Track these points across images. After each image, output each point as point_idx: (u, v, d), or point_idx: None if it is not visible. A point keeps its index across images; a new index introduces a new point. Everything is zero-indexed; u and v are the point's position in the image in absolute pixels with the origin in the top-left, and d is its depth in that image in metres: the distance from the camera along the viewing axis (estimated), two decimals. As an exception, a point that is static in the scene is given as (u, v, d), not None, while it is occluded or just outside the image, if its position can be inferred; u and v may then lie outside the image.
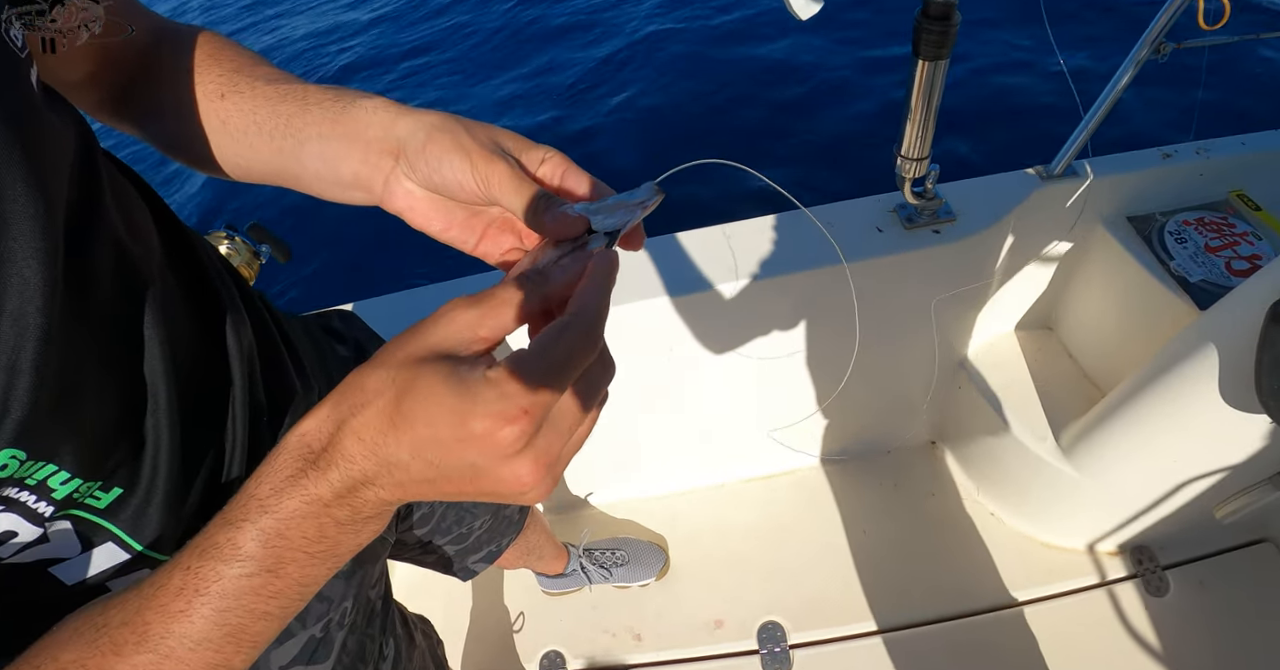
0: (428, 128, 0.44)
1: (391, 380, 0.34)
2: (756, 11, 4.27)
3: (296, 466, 0.35)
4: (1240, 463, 1.17)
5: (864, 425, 1.61)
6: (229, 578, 0.35)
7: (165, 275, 0.50)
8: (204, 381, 0.52)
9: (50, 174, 0.38)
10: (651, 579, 1.55)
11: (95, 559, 0.45)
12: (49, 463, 0.39)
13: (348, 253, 3.15)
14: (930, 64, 1.01)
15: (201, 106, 0.53)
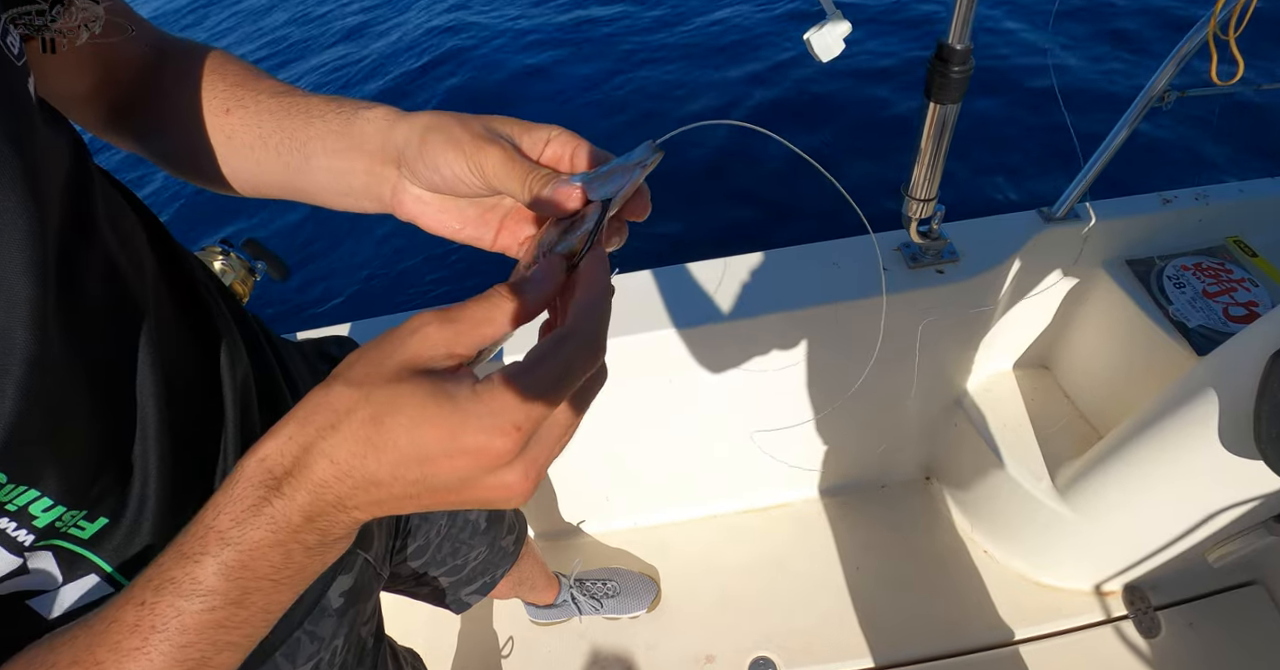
0: (421, 130, 0.44)
1: (365, 398, 0.33)
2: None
3: (259, 494, 0.33)
4: (1233, 507, 1.18)
5: (859, 460, 1.61)
6: (189, 613, 0.33)
7: (160, 297, 0.49)
8: (196, 410, 0.51)
9: (43, 188, 0.37)
10: (642, 611, 1.53)
11: (76, 591, 0.43)
12: (31, 488, 0.38)
13: (345, 270, 3.13)
14: (942, 107, 1.01)
15: (207, 121, 0.52)
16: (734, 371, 1.33)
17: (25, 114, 0.37)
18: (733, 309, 1.22)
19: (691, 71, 4.07)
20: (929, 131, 1.03)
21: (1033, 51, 3.54)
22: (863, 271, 1.25)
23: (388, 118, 0.46)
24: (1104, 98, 3.21)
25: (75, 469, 0.40)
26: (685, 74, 4.06)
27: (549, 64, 4.45)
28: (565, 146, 0.43)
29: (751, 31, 4.35)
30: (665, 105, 3.82)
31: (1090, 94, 3.29)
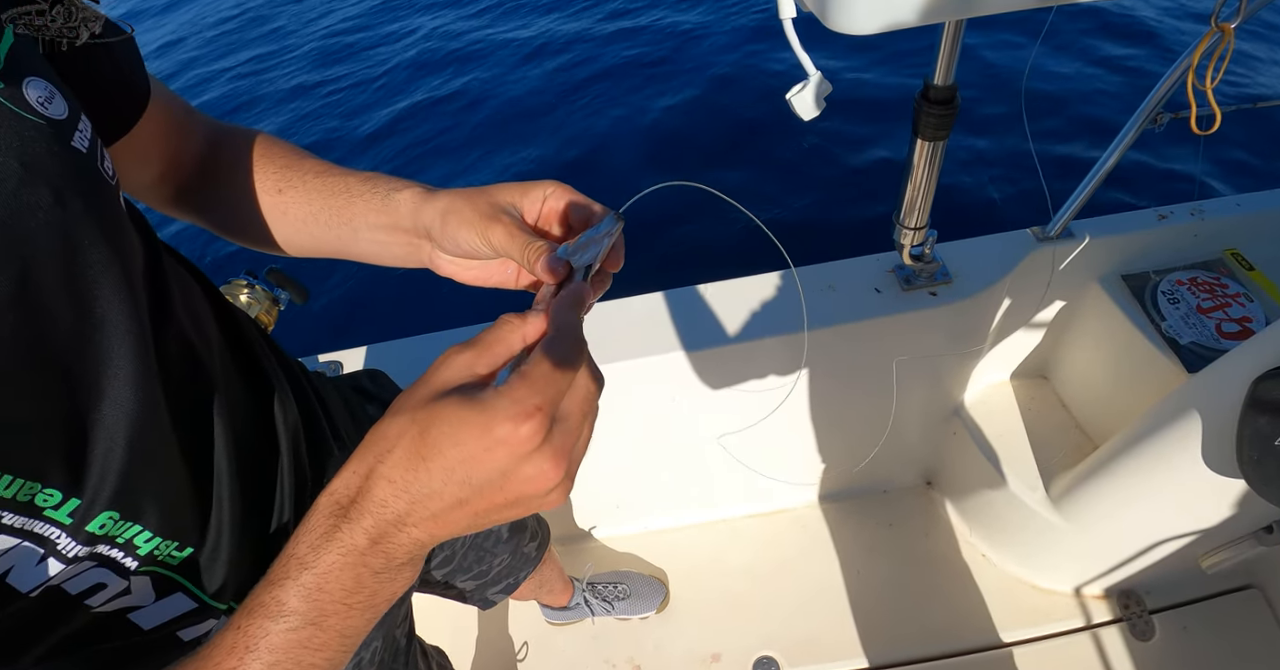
0: (441, 213, 0.53)
1: (411, 421, 0.38)
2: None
3: (330, 523, 0.38)
4: (1225, 518, 1.21)
5: (861, 467, 1.66)
6: (276, 633, 0.38)
7: (225, 363, 0.57)
8: (257, 453, 0.59)
9: (136, 283, 0.45)
10: (652, 612, 1.60)
11: (167, 607, 0.52)
12: (136, 523, 0.46)
13: (361, 293, 3.23)
14: (930, 144, 1.05)
15: (262, 200, 0.62)
16: (735, 390, 1.38)
17: (122, 228, 0.45)
18: (731, 332, 1.27)
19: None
20: (918, 167, 1.07)
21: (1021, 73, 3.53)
22: (858, 294, 1.29)
23: (414, 200, 0.55)
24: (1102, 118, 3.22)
25: (169, 508, 0.49)
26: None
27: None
28: (560, 201, 0.52)
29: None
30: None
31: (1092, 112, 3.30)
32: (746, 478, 1.66)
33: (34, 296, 0.38)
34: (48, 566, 0.42)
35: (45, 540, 0.42)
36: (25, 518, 0.40)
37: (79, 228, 0.41)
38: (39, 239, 0.38)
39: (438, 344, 1.41)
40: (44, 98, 0.40)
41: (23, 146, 0.38)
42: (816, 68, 0.78)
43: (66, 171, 0.40)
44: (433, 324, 1.49)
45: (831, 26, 0.67)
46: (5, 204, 0.37)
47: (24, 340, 0.38)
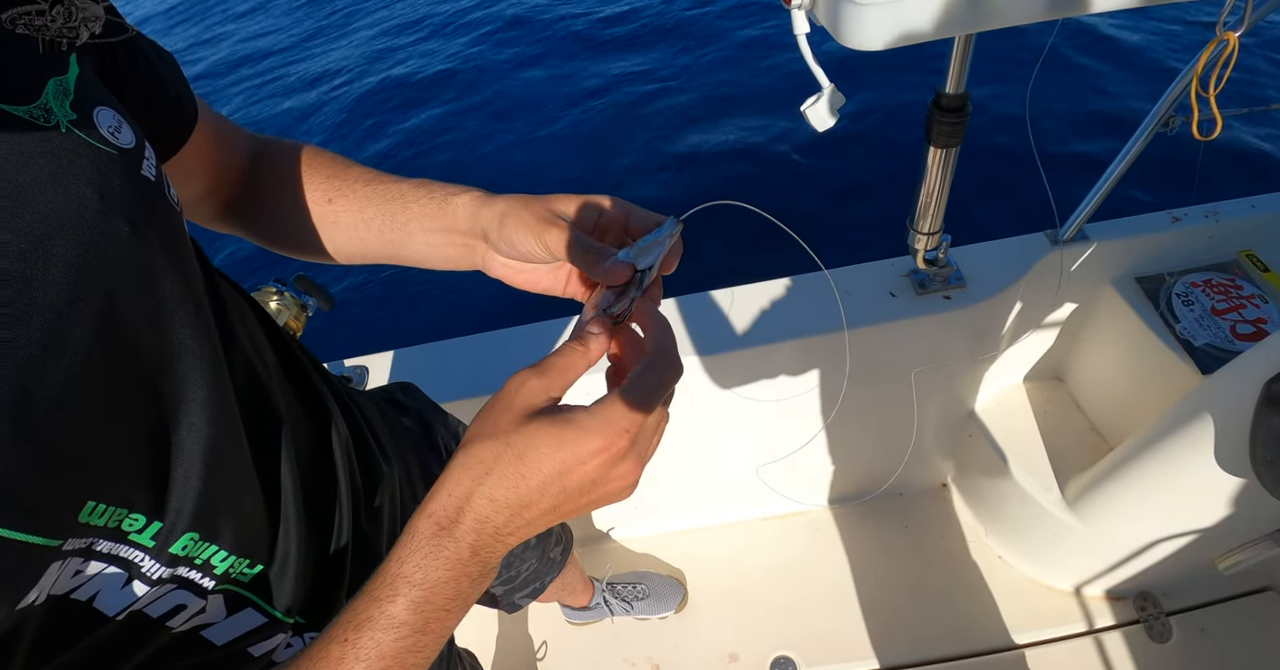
0: (500, 216, 0.55)
1: (506, 444, 0.42)
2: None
3: (433, 543, 0.42)
4: (1240, 519, 1.22)
5: (879, 470, 1.67)
6: (386, 643, 0.41)
7: (282, 382, 0.59)
8: (316, 471, 0.61)
9: (203, 305, 0.47)
10: (670, 612, 1.62)
11: (238, 623, 0.53)
12: (213, 544, 0.48)
13: (380, 298, 3.28)
14: (942, 151, 1.07)
15: (311, 210, 0.64)
16: (753, 391, 1.41)
17: (189, 255, 0.47)
18: (751, 335, 1.30)
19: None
20: (931, 172, 1.09)
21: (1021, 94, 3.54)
22: (873, 298, 1.31)
23: (473, 204, 0.57)
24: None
25: (242, 527, 0.51)
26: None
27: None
28: (615, 212, 0.54)
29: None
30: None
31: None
32: (763, 479, 1.68)
33: (118, 328, 0.39)
34: (133, 589, 0.44)
35: (130, 564, 0.43)
36: (113, 543, 0.41)
37: (154, 257, 0.42)
38: (120, 270, 0.39)
39: (460, 349, 1.44)
40: (114, 127, 0.41)
41: (99, 177, 0.39)
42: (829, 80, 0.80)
43: (139, 201, 0.41)
44: (450, 330, 1.52)
45: (844, 43, 0.70)
46: (88, 236, 0.37)
47: (112, 371, 0.39)
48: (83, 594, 0.41)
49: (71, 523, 0.37)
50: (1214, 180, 2.72)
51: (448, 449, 0.93)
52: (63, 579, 0.39)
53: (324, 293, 1.37)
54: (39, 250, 0.35)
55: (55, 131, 0.38)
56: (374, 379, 1.45)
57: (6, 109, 0.36)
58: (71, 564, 0.39)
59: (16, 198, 0.35)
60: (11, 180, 0.35)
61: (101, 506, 0.38)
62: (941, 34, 0.70)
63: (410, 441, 0.87)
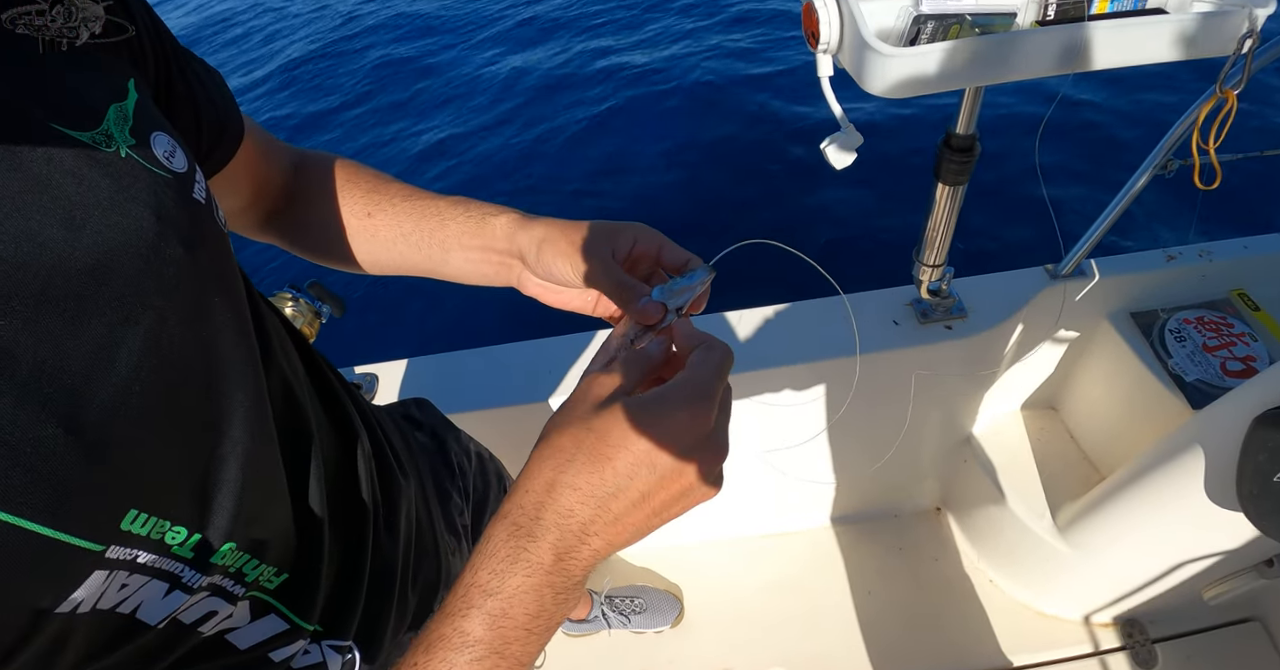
0: (538, 242, 0.57)
1: (586, 429, 0.41)
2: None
3: (512, 544, 0.39)
4: (1227, 551, 1.26)
5: (875, 493, 1.71)
6: (460, 664, 0.38)
7: (311, 396, 0.61)
8: (342, 484, 0.63)
9: (247, 323, 0.49)
10: (667, 626, 1.65)
11: (261, 628, 0.55)
12: (247, 553, 0.49)
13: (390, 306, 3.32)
14: (950, 188, 1.11)
15: (349, 223, 0.66)
16: (758, 415, 1.44)
17: (235, 275, 0.49)
18: (757, 358, 1.33)
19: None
20: (939, 209, 1.13)
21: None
22: (877, 326, 1.35)
23: (510, 225, 0.60)
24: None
25: (274, 537, 0.52)
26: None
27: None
28: (651, 244, 0.56)
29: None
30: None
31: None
32: (762, 498, 1.71)
33: (167, 345, 0.40)
34: (173, 599, 0.44)
35: (172, 576, 0.43)
36: (156, 556, 0.41)
37: (204, 278, 0.44)
38: (173, 288, 0.41)
39: (468, 360, 1.47)
40: (168, 152, 0.43)
41: (155, 200, 0.41)
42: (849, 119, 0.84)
43: (191, 223, 0.43)
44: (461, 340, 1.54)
45: (867, 89, 0.74)
46: (145, 255, 0.39)
47: (159, 386, 0.40)
48: (126, 607, 0.42)
49: (114, 530, 0.38)
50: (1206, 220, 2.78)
51: (460, 466, 0.95)
52: (109, 593, 0.40)
53: (337, 299, 1.39)
54: (98, 268, 0.37)
55: (115, 156, 0.39)
56: (383, 387, 1.48)
57: (71, 134, 0.38)
58: (118, 577, 0.40)
59: (79, 218, 0.37)
60: (75, 201, 0.37)
61: (144, 516, 0.39)
62: (957, 85, 0.74)
63: (425, 457, 0.88)
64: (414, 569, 0.73)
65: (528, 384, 1.34)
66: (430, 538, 0.78)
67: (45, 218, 0.35)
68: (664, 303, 0.52)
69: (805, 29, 0.79)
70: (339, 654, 0.62)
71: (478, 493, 0.97)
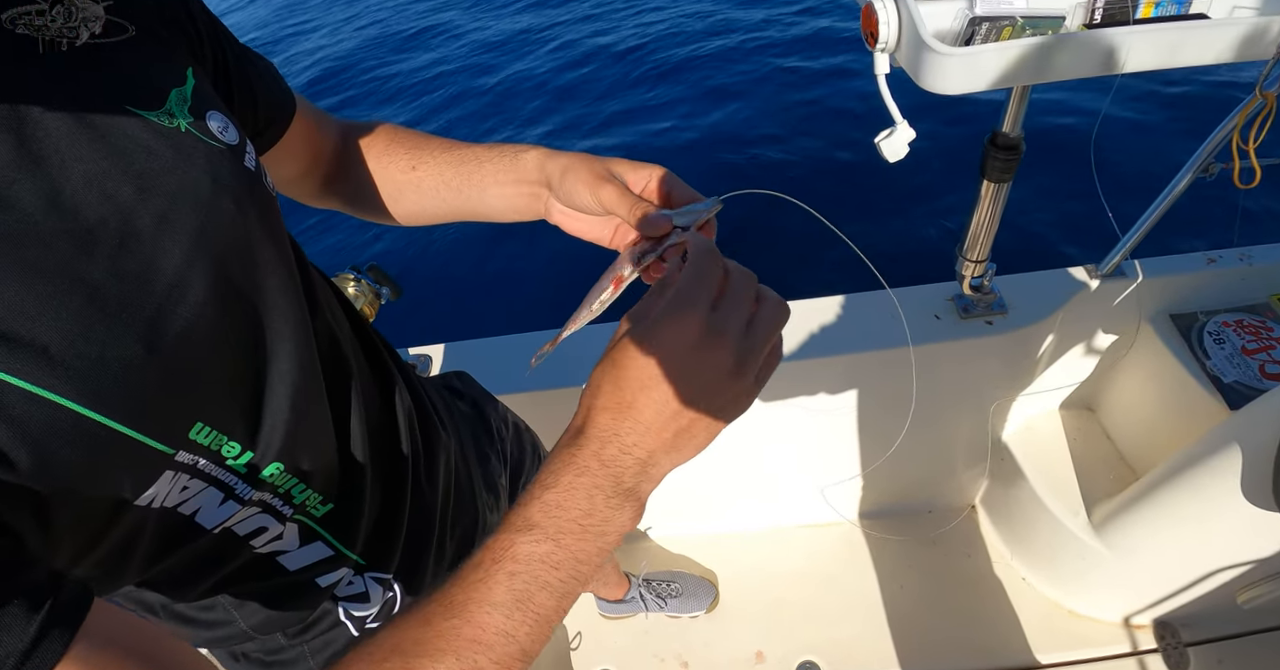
0: (563, 169, 0.62)
1: (607, 361, 0.46)
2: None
3: (564, 453, 0.45)
4: (1262, 554, 1.27)
5: (910, 487, 1.73)
6: (520, 544, 0.42)
7: (354, 347, 0.68)
8: (382, 428, 0.70)
9: (293, 273, 0.56)
10: (702, 611, 1.69)
11: (308, 553, 0.62)
12: (294, 476, 0.56)
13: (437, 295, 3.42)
14: (995, 185, 1.15)
15: (396, 179, 0.73)
16: (795, 405, 1.48)
17: (282, 231, 0.56)
18: (797, 349, 1.38)
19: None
20: (984, 206, 1.17)
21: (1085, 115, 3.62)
22: (918, 320, 1.39)
23: (540, 157, 0.65)
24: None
25: (319, 466, 0.58)
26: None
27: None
28: (663, 183, 0.60)
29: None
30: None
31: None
32: (797, 490, 1.75)
33: (225, 284, 0.48)
34: (227, 508, 0.51)
35: (226, 486, 0.50)
36: (214, 465, 0.48)
37: (254, 230, 0.51)
38: (228, 238, 0.48)
39: (516, 344, 1.53)
40: (221, 128, 0.50)
41: (211, 167, 0.48)
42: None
43: (242, 186, 0.50)
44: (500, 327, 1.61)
45: (924, 86, 0.78)
46: (203, 211, 0.46)
47: (219, 320, 0.47)
48: (187, 508, 0.49)
49: (184, 437, 0.45)
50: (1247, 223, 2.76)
51: (499, 433, 1.01)
52: (173, 493, 0.47)
53: (394, 283, 1.46)
54: (165, 221, 0.44)
55: (176, 131, 0.47)
56: (436, 367, 1.55)
57: (140, 113, 0.45)
58: (180, 479, 0.46)
59: (148, 182, 0.44)
60: (144, 167, 0.44)
61: (208, 428, 0.47)
62: (1009, 83, 0.79)
63: (466, 424, 0.95)
64: (452, 519, 0.80)
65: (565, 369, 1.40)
66: (469, 493, 0.85)
67: (121, 180, 0.43)
68: (670, 218, 0.56)
69: (864, 29, 0.84)
70: (381, 586, 0.70)
71: (514, 459, 1.04)
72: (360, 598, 0.69)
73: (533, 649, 0.42)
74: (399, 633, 0.41)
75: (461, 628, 0.40)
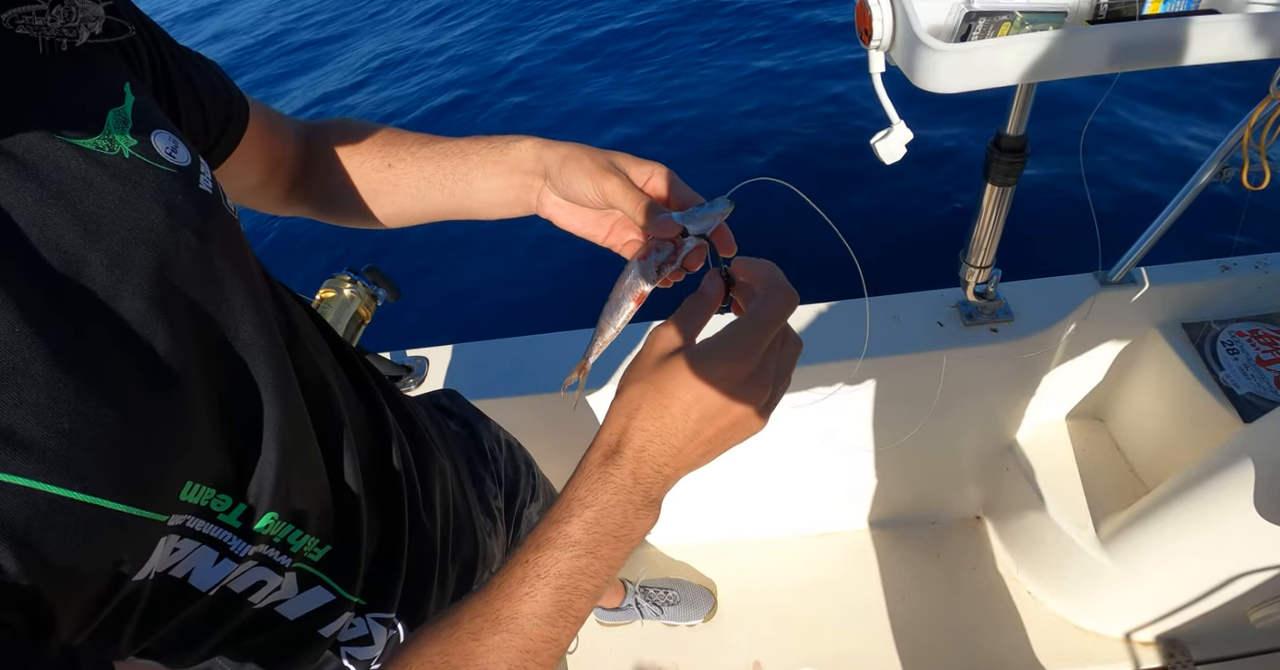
0: (562, 158, 0.60)
1: (649, 383, 0.48)
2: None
3: (601, 470, 0.47)
4: (1276, 571, 1.23)
5: (914, 497, 1.70)
6: (563, 561, 0.44)
7: (339, 376, 0.64)
8: (375, 461, 0.66)
9: (266, 305, 0.52)
10: (699, 620, 1.67)
11: (308, 599, 0.57)
12: (290, 523, 0.52)
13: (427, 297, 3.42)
14: (999, 188, 1.12)
15: (371, 178, 0.69)
16: (798, 413, 1.45)
17: (249, 260, 0.52)
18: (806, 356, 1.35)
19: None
20: (987, 210, 1.14)
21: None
22: (921, 326, 1.36)
23: (536, 146, 0.62)
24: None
25: (314, 509, 0.54)
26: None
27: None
28: (663, 181, 0.58)
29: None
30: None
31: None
32: (800, 499, 1.72)
33: (194, 328, 0.43)
34: (223, 567, 0.48)
35: (219, 543, 0.47)
36: (205, 522, 0.45)
37: (220, 264, 0.46)
38: (191, 277, 0.44)
39: (514, 347, 1.52)
40: (170, 148, 0.45)
41: (163, 195, 0.43)
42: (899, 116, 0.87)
43: (200, 213, 0.46)
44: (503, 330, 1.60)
45: (919, 85, 0.76)
46: (159, 248, 0.42)
47: (194, 363, 0.43)
48: (179, 571, 0.45)
49: (175, 500, 0.41)
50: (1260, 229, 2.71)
51: (492, 452, 0.98)
52: (163, 556, 0.42)
53: (391, 284, 1.45)
54: (119, 265, 0.40)
55: (119, 158, 0.42)
56: (433, 370, 1.53)
57: (76, 143, 0.40)
58: (170, 541, 0.43)
59: (95, 220, 0.39)
60: (88, 204, 0.39)
61: (198, 486, 0.43)
62: (1008, 82, 0.76)
63: (459, 445, 0.91)
64: (453, 546, 0.76)
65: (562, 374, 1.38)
66: (467, 517, 0.81)
67: (63, 224, 0.38)
68: (681, 224, 0.54)
69: (858, 27, 0.81)
70: (384, 627, 0.65)
71: (509, 479, 1.00)
72: (363, 641, 0.65)
73: (567, 645, 0.46)
74: (448, 646, 0.43)
75: (512, 640, 0.43)
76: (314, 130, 0.71)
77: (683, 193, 0.58)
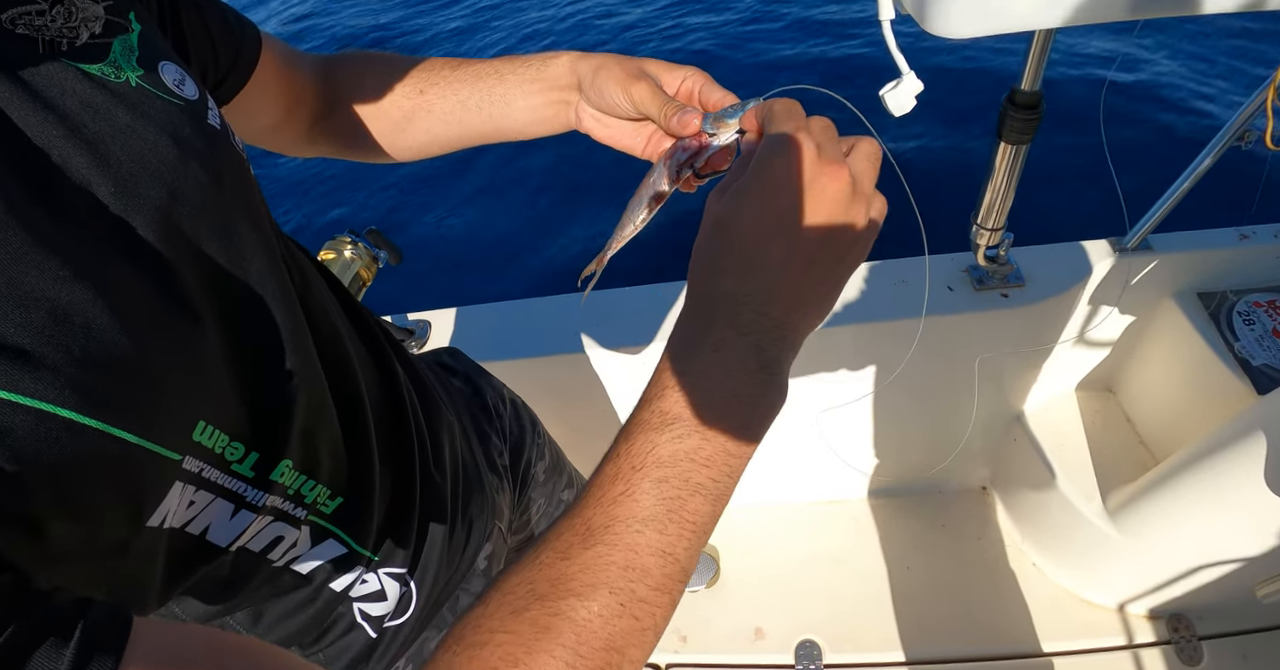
0: (594, 68, 0.59)
1: (709, 225, 0.42)
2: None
3: (691, 330, 0.40)
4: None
5: (920, 466, 1.69)
6: (662, 444, 0.37)
7: (349, 326, 0.63)
8: (388, 410, 0.65)
9: (275, 248, 0.51)
10: (701, 586, 1.67)
11: (321, 552, 0.56)
12: (304, 473, 0.51)
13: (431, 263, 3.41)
14: (1013, 147, 1.09)
15: (401, 106, 0.67)
16: (803, 376, 1.44)
17: (258, 200, 0.50)
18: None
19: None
20: (999, 168, 1.11)
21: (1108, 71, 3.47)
22: (929, 291, 1.33)
23: (571, 60, 0.61)
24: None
25: (329, 460, 0.53)
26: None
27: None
28: (696, 83, 0.57)
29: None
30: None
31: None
32: (804, 466, 1.71)
33: (205, 263, 0.42)
34: (239, 520, 0.46)
35: (235, 494, 0.45)
36: (219, 471, 0.43)
37: (229, 202, 0.45)
38: (202, 214, 0.42)
39: (518, 310, 1.50)
40: (178, 80, 0.44)
41: (171, 125, 0.42)
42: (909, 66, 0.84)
43: (209, 148, 0.44)
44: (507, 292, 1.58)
45: (929, 30, 0.73)
46: (169, 179, 0.40)
47: (207, 300, 0.42)
48: (196, 526, 0.43)
49: (188, 440, 0.40)
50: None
51: (496, 409, 0.97)
52: (180, 510, 0.41)
53: (394, 247, 1.43)
54: (128, 195, 0.38)
55: (126, 86, 0.41)
56: (435, 333, 1.53)
57: (82, 67, 0.39)
58: (187, 492, 0.41)
59: (103, 147, 0.38)
60: (94, 130, 0.38)
61: (211, 428, 0.41)
62: (1025, 26, 0.73)
63: (463, 402, 0.91)
64: (463, 503, 0.75)
65: (576, 334, 1.37)
66: (475, 474, 0.80)
67: (71, 149, 0.37)
68: (702, 116, 0.53)
69: (870, -31, 0.78)
70: (396, 582, 0.65)
71: (514, 436, 0.99)
72: (376, 596, 0.64)
73: (691, 566, 0.37)
74: (533, 573, 0.35)
75: (610, 554, 0.35)
76: (334, 62, 0.70)
77: (720, 97, 0.56)
